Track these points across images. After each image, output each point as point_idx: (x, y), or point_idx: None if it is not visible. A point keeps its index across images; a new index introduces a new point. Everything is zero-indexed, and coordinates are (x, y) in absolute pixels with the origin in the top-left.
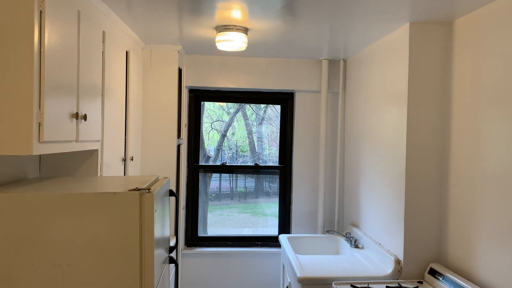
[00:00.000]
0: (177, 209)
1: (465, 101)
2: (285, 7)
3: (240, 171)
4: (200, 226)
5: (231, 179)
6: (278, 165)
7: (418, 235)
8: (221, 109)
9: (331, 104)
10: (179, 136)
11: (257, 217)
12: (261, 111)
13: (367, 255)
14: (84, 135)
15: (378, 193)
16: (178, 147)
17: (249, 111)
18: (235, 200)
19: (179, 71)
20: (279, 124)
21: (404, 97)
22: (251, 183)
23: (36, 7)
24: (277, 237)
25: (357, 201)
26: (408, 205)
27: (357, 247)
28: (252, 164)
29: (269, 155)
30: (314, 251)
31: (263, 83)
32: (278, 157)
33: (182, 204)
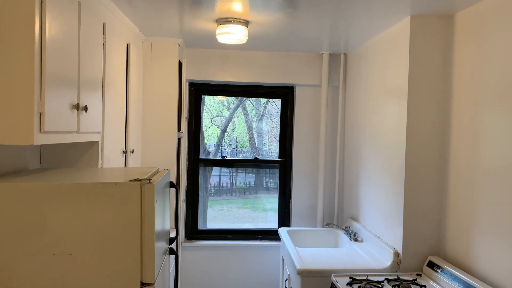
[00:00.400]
0: (177, 201)
1: (466, 96)
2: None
3: (240, 165)
4: (200, 220)
5: (231, 175)
6: (278, 159)
7: (417, 228)
8: (221, 105)
9: (331, 98)
10: (179, 129)
11: (257, 212)
12: (261, 107)
13: (366, 248)
14: (84, 126)
15: (377, 187)
16: (178, 140)
17: (249, 107)
18: (235, 195)
19: (180, 64)
20: (279, 118)
21: (404, 92)
22: (251, 178)
23: None
24: (277, 231)
25: (356, 195)
26: (407, 199)
27: (356, 240)
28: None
29: (269, 151)
30: (313, 244)
31: (263, 77)
32: (278, 152)
33: (182, 197)
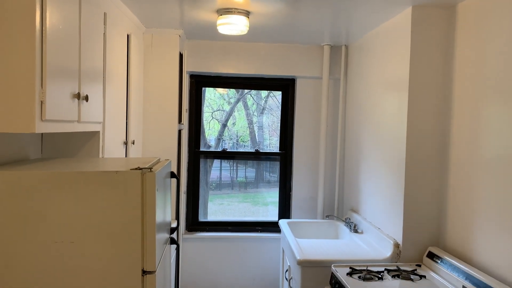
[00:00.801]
0: (178, 192)
1: (467, 87)
2: None
3: (240, 157)
4: (200, 214)
5: (232, 169)
6: (278, 152)
7: (417, 219)
8: (221, 99)
9: (332, 90)
10: (180, 121)
11: (257, 206)
12: (262, 101)
13: (367, 239)
14: (85, 116)
15: (378, 179)
16: (179, 132)
17: (250, 101)
18: (236, 189)
19: (180, 56)
20: (280, 111)
21: (405, 83)
22: (251, 172)
23: None
24: (277, 223)
25: (357, 187)
26: (407, 190)
27: (356, 232)
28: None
29: (269, 146)
30: (314, 236)
31: (264, 69)
32: (278, 145)
33: (183, 189)
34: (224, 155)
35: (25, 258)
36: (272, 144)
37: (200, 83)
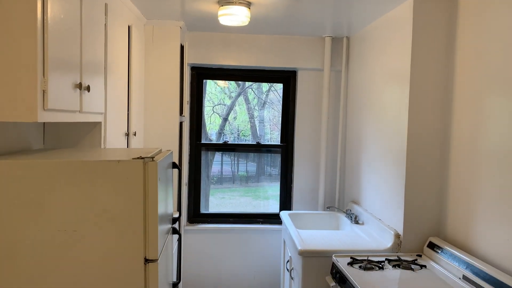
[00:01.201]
0: (180, 183)
1: (469, 78)
2: None
3: (242, 149)
4: (202, 206)
5: (233, 163)
6: (280, 144)
7: (418, 210)
8: (222, 93)
9: (333, 82)
10: (181, 113)
11: (258, 200)
12: (263, 95)
13: (367, 230)
14: (87, 106)
15: (379, 170)
16: (180, 124)
17: (251, 95)
18: (237, 184)
19: (181, 47)
20: (281, 104)
21: (406, 74)
22: (252, 167)
23: None
24: (278, 215)
25: (358, 179)
26: (408, 181)
27: (357, 223)
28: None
29: (270, 140)
30: (315, 227)
31: (265, 61)
32: (280, 138)
33: (184, 180)
34: (225, 147)
35: (29, 246)
36: (273, 138)
37: (201, 75)
